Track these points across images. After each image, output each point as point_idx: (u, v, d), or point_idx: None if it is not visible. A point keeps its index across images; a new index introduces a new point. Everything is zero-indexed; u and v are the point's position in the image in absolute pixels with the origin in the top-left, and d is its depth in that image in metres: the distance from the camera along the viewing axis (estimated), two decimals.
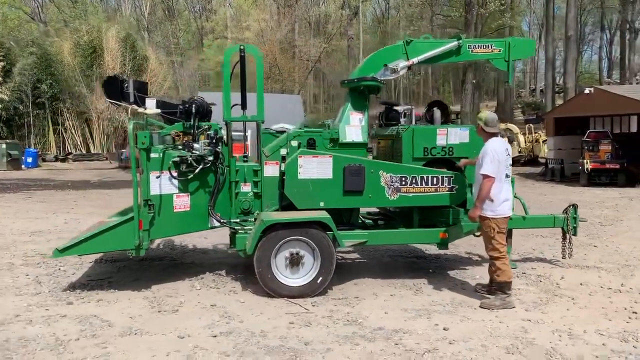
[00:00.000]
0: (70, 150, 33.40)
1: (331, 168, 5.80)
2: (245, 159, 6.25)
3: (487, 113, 5.65)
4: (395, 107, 6.88)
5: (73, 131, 34.07)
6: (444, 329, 4.76)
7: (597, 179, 18.14)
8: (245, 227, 5.92)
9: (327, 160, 5.80)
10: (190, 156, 5.59)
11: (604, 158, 18.18)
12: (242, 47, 6.13)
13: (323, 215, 5.58)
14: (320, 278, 5.57)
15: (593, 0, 41.17)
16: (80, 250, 5.42)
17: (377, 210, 7.12)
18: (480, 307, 5.38)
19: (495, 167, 5.31)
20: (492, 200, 5.35)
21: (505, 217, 5.43)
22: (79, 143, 34.31)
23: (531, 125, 28.80)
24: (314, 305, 5.36)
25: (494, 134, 5.53)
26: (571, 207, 6.89)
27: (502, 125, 25.19)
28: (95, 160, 30.25)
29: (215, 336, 4.53)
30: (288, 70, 47.46)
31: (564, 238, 6.94)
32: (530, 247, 8.14)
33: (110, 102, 6.06)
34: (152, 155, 5.49)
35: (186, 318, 4.96)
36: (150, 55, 37.51)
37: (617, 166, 17.93)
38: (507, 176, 5.50)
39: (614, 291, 5.93)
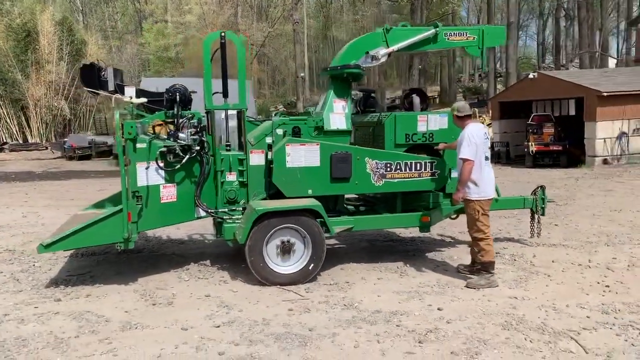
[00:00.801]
0: (5, 140, 31.76)
1: (319, 156, 5.85)
2: (227, 148, 6.19)
3: (456, 103, 5.93)
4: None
5: (8, 120, 32.37)
6: (439, 309, 4.94)
7: (542, 160, 18.98)
8: (233, 217, 5.89)
9: (314, 148, 5.85)
10: (177, 146, 5.50)
11: (547, 140, 19.03)
12: (222, 34, 6.05)
13: (314, 203, 5.64)
14: (312, 265, 5.64)
15: None
16: (67, 245, 5.25)
17: (357, 196, 7.23)
18: (467, 286, 5.59)
19: (473, 151, 5.51)
20: (475, 184, 5.56)
21: (489, 199, 5.66)
22: (14, 132, 32.65)
23: (475, 109, 29.66)
24: (307, 292, 5.43)
25: (469, 120, 5.74)
26: (539, 188, 7.23)
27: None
28: (34, 150, 28.87)
29: (218, 326, 4.52)
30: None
31: (532, 218, 7.29)
32: (496, 228, 8.46)
33: (88, 90, 5.85)
34: (139, 145, 5.36)
35: (183, 310, 4.92)
36: (89, 39, 36.06)
37: (560, 148, 18.82)
38: (486, 159, 5.71)
39: (583, 267, 6.29)
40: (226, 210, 5.90)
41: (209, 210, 5.84)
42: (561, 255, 6.78)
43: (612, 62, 37.11)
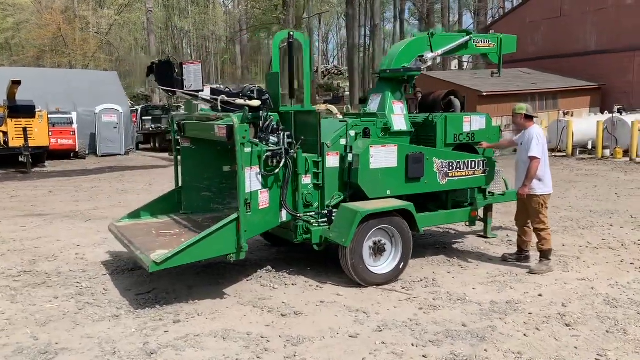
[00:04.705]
0: None
1: (396, 157, 5.98)
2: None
3: (524, 104, 6.43)
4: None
5: None
6: (539, 295, 5.42)
7: None
8: (319, 220, 5.77)
9: (393, 150, 5.97)
10: (283, 149, 5.27)
11: None
12: (291, 33, 5.87)
13: (408, 203, 5.78)
14: (402, 263, 5.79)
15: None
16: (181, 260, 4.74)
17: None
18: (530, 273, 6.16)
19: (541, 150, 6.11)
20: (540, 180, 6.16)
21: (549, 194, 6.30)
22: None
23: (348, 105, 31.08)
24: (407, 290, 5.57)
25: (531, 121, 6.32)
26: None
27: (323, 107, 26.73)
28: None
29: (381, 330, 4.51)
30: (75, 43, 43.00)
31: None
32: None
33: (164, 89, 5.24)
34: (246, 150, 5.02)
35: (322, 318, 4.79)
36: None
37: None
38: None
39: (592, 249, 7.21)
40: (312, 213, 5.75)
41: (297, 215, 5.65)
42: (562, 240, 7.65)
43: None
